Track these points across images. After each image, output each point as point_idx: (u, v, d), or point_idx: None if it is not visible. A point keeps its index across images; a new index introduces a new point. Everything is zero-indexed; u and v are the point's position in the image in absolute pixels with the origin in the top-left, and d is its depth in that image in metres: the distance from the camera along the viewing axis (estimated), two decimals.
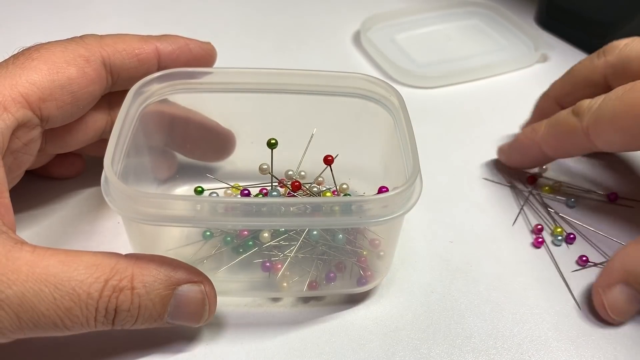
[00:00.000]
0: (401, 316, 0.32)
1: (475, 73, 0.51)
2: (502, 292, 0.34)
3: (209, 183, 0.37)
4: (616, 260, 0.32)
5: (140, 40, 0.34)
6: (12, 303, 0.24)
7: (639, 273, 0.31)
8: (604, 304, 0.32)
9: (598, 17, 0.53)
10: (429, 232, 0.37)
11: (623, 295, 0.31)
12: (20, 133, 0.30)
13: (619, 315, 0.32)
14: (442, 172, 0.42)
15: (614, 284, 0.32)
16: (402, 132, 0.31)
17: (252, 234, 0.33)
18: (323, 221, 0.28)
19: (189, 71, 0.34)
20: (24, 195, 0.36)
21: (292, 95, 0.34)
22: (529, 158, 0.40)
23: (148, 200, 0.27)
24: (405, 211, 0.28)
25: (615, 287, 0.31)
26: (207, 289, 0.29)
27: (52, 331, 0.26)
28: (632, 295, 0.31)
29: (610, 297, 0.32)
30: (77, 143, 0.35)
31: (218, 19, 0.58)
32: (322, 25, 0.58)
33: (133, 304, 0.27)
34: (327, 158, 0.33)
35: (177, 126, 0.37)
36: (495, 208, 0.39)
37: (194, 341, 0.31)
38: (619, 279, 0.31)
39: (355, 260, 0.33)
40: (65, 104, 0.31)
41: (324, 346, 0.31)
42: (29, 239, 0.27)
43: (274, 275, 0.32)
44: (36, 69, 0.30)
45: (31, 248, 0.26)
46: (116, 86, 0.34)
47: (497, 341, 0.32)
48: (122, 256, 0.27)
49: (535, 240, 0.37)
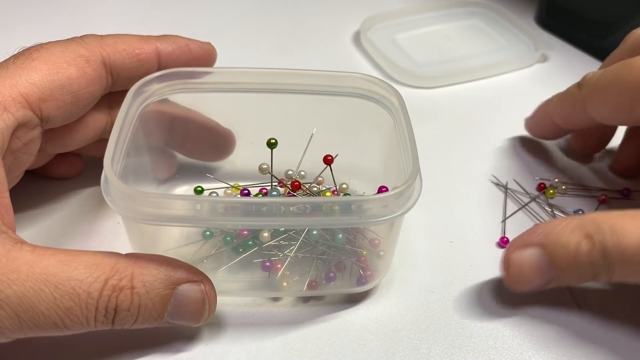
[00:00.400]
0: (401, 316, 0.32)
1: (475, 73, 0.51)
2: (502, 292, 0.34)
3: (208, 183, 0.37)
4: (543, 225, 0.30)
5: (140, 41, 0.34)
6: (12, 303, 0.24)
7: (559, 240, 0.28)
8: (508, 264, 0.30)
9: (598, 17, 0.53)
10: (429, 232, 0.37)
11: (532, 259, 0.29)
12: (20, 133, 0.30)
13: (517, 281, 0.30)
14: (442, 172, 0.42)
15: (528, 245, 0.29)
16: (401, 132, 0.31)
17: (252, 234, 0.33)
18: (323, 221, 0.28)
19: (189, 71, 0.34)
20: (24, 195, 0.36)
21: (292, 95, 0.34)
22: (545, 127, 0.42)
23: (148, 200, 0.27)
24: (405, 211, 0.28)
25: (527, 249, 0.29)
26: (207, 288, 0.29)
27: (52, 331, 0.26)
28: (541, 262, 0.29)
29: (517, 258, 0.30)
30: (76, 143, 0.35)
31: (218, 19, 0.58)
32: (322, 25, 0.58)
33: (133, 304, 0.27)
34: (327, 158, 0.33)
35: (177, 126, 0.37)
36: (495, 208, 0.39)
37: (194, 341, 0.31)
38: (535, 241, 0.29)
39: (355, 260, 0.33)
40: (65, 104, 0.31)
41: (324, 346, 0.31)
42: (29, 239, 0.27)
43: (273, 275, 0.32)
44: (36, 69, 0.30)
45: (31, 248, 0.26)
46: (116, 86, 0.34)
47: (497, 341, 0.32)
48: (122, 256, 0.27)
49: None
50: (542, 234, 0.29)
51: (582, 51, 0.55)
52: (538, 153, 0.44)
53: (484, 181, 0.41)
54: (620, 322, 0.33)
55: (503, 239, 0.36)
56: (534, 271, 0.29)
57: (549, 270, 0.29)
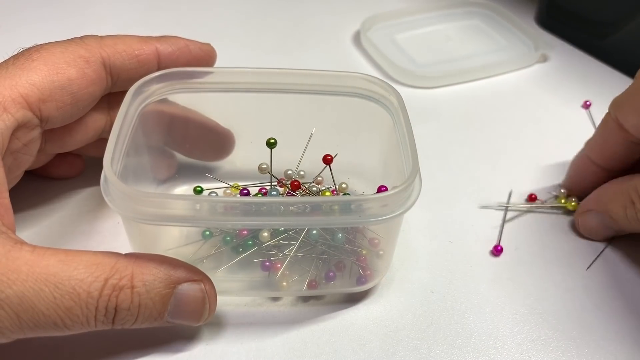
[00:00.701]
0: (401, 316, 0.32)
1: (475, 73, 0.51)
2: (502, 292, 0.34)
3: (208, 183, 0.37)
4: (594, 193, 0.38)
5: (140, 41, 0.34)
6: (12, 303, 0.24)
7: (606, 203, 0.36)
8: (579, 225, 0.38)
9: (598, 17, 0.53)
10: (429, 231, 0.37)
11: (594, 219, 0.37)
12: (20, 133, 0.30)
13: (590, 234, 0.37)
14: (441, 172, 0.42)
15: (588, 210, 0.37)
16: (401, 131, 0.31)
17: (251, 234, 0.33)
18: (322, 220, 0.28)
19: (189, 71, 0.34)
20: (24, 195, 0.36)
21: (292, 94, 0.34)
22: (585, 175, 0.39)
23: (148, 200, 0.27)
24: (405, 210, 0.28)
25: (589, 213, 0.37)
26: (207, 287, 0.29)
27: (53, 331, 0.26)
28: (601, 220, 0.36)
29: (584, 220, 0.37)
30: (76, 143, 0.35)
31: (218, 19, 0.58)
32: (322, 25, 0.58)
33: (133, 303, 0.27)
34: (327, 157, 0.33)
35: (176, 126, 0.37)
36: (496, 208, 0.39)
37: (194, 340, 0.31)
38: (591, 206, 0.37)
39: (354, 259, 0.33)
40: (65, 104, 0.31)
41: (324, 346, 0.31)
42: (29, 239, 0.27)
43: (273, 275, 0.32)
44: (36, 69, 0.30)
45: (31, 248, 0.26)
46: (116, 87, 0.34)
47: (497, 341, 0.32)
48: (122, 255, 0.27)
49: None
50: (594, 201, 0.37)
51: (582, 51, 0.55)
52: (539, 152, 0.44)
53: (484, 181, 0.41)
54: (621, 323, 0.33)
55: (497, 247, 0.36)
56: (599, 226, 0.37)
57: (610, 225, 0.36)
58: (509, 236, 0.37)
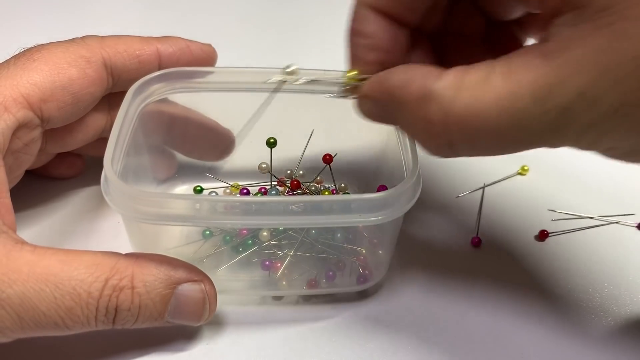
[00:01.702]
0: (401, 316, 0.32)
1: None
2: (503, 292, 0.34)
3: (208, 182, 0.37)
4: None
5: (141, 42, 0.34)
6: (13, 303, 0.24)
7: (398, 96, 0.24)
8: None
9: None
10: (429, 231, 0.37)
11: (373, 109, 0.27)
12: (20, 133, 0.30)
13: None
14: (442, 172, 0.42)
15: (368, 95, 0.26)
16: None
17: (251, 233, 0.33)
18: (322, 220, 0.28)
19: (189, 70, 0.34)
20: (24, 195, 0.36)
21: (292, 94, 0.34)
22: (373, 33, 0.27)
23: (148, 200, 0.27)
24: (405, 210, 0.28)
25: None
26: (207, 287, 0.29)
27: (53, 331, 0.26)
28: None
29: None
30: (77, 143, 0.35)
31: (218, 19, 0.58)
32: (322, 25, 0.58)
33: (133, 303, 0.27)
34: (326, 157, 0.33)
35: (176, 126, 0.37)
36: (495, 207, 0.39)
37: (194, 340, 0.31)
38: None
39: (354, 258, 0.33)
40: (66, 104, 0.31)
41: (324, 345, 0.31)
42: (29, 239, 0.27)
43: (273, 274, 0.33)
44: (37, 69, 0.31)
45: (31, 248, 0.26)
46: (116, 87, 0.34)
47: (497, 341, 0.32)
48: (122, 255, 0.27)
49: (541, 233, 0.37)
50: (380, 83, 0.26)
51: None
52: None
53: (484, 181, 0.41)
54: (621, 325, 0.33)
55: (474, 239, 0.36)
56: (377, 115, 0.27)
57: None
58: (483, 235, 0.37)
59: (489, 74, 0.22)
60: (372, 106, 0.27)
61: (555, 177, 0.42)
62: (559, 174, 0.42)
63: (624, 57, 0.20)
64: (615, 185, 0.41)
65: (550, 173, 0.42)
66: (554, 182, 0.41)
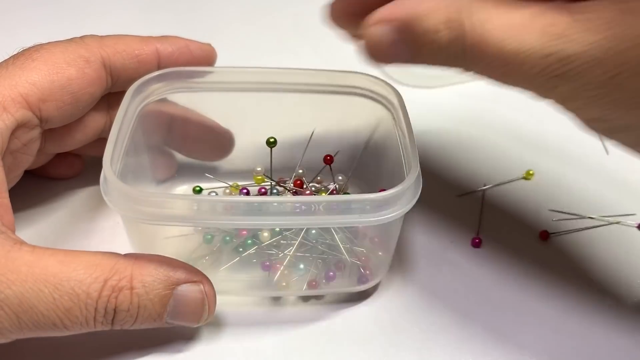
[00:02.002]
0: (402, 316, 0.32)
1: None
2: (503, 292, 0.34)
3: (207, 182, 0.37)
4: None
5: (140, 41, 0.34)
6: (12, 303, 0.24)
7: (421, 24, 0.25)
8: (365, 35, 0.27)
9: None
10: (429, 232, 0.37)
11: (389, 38, 0.26)
12: (19, 133, 0.30)
13: (373, 55, 0.28)
14: (442, 172, 0.42)
15: (389, 20, 0.26)
16: (401, 131, 0.31)
17: (251, 233, 0.33)
18: (323, 220, 0.28)
19: (188, 70, 0.34)
20: (23, 195, 0.36)
21: (292, 94, 0.34)
22: None
23: (147, 200, 0.27)
24: (405, 210, 0.28)
25: (386, 25, 0.26)
26: (207, 288, 0.28)
27: (52, 331, 0.26)
28: (398, 44, 0.26)
29: (373, 34, 0.26)
30: (76, 143, 0.35)
31: (218, 19, 0.58)
32: (322, 25, 0.58)
33: (132, 304, 0.26)
34: (327, 157, 0.33)
35: (176, 125, 0.37)
36: (495, 207, 0.39)
37: (194, 341, 0.31)
38: (398, 17, 0.26)
39: (354, 259, 0.33)
40: (65, 104, 0.31)
41: (324, 345, 0.31)
42: (28, 239, 0.27)
43: (273, 275, 0.32)
44: (36, 69, 0.30)
45: (30, 248, 0.26)
46: (116, 87, 0.34)
47: (498, 341, 0.31)
48: (121, 256, 0.27)
49: (542, 233, 0.37)
50: (406, 10, 0.25)
51: None
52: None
53: (485, 181, 0.41)
54: (622, 325, 0.33)
55: (475, 239, 0.36)
56: (392, 50, 0.27)
57: (407, 50, 0.27)
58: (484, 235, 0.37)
59: (520, 7, 0.23)
60: (388, 32, 0.25)
61: (556, 177, 0.42)
62: (560, 175, 0.42)
63: (634, 30, 0.22)
64: (616, 185, 0.41)
65: (551, 173, 0.42)
66: (555, 182, 0.41)
